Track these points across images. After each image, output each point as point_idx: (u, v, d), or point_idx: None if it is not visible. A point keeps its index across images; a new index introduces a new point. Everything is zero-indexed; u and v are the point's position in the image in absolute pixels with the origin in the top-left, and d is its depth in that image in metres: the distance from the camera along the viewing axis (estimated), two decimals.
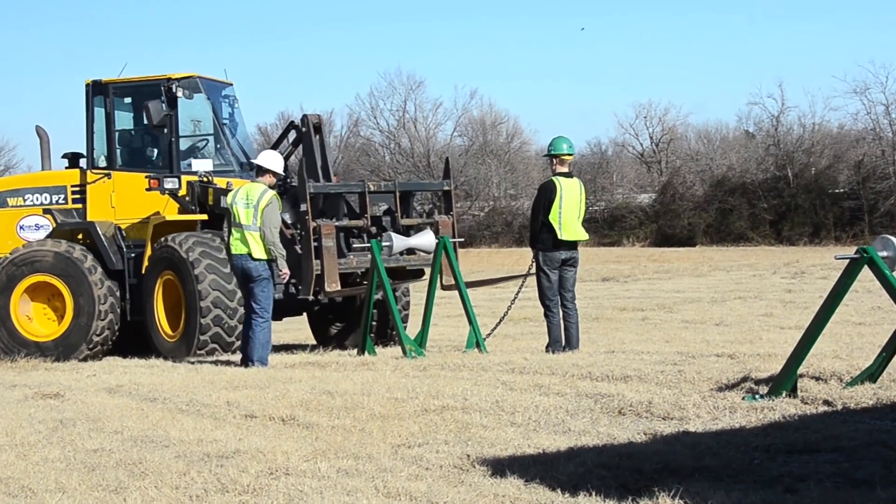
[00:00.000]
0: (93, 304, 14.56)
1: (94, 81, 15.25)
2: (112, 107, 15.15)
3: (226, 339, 13.69)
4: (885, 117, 60.55)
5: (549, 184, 12.36)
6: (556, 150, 12.43)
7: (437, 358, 12.01)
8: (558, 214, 12.22)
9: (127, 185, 15.08)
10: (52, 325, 15.00)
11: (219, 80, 15.68)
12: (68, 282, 14.65)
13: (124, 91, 15.45)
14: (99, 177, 15.24)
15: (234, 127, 15.77)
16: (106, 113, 15.17)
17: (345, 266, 13.72)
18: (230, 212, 12.19)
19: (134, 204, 15.05)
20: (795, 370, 8.72)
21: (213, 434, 8.21)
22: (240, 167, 15.36)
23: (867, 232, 53.71)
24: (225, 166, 15.29)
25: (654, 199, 67.05)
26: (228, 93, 15.77)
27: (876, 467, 6.41)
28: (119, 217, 15.17)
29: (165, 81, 14.84)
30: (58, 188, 15.67)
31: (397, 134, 78.04)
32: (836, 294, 8.63)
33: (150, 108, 14.45)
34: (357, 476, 6.76)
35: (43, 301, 15.08)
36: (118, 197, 15.17)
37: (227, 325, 13.65)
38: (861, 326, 14.81)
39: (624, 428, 7.97)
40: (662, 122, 76.22)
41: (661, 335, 14.79)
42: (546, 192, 12.31)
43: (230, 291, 13.57)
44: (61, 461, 7.54)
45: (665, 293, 24.18)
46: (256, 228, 11.93)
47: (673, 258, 42.98)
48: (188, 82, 15.00)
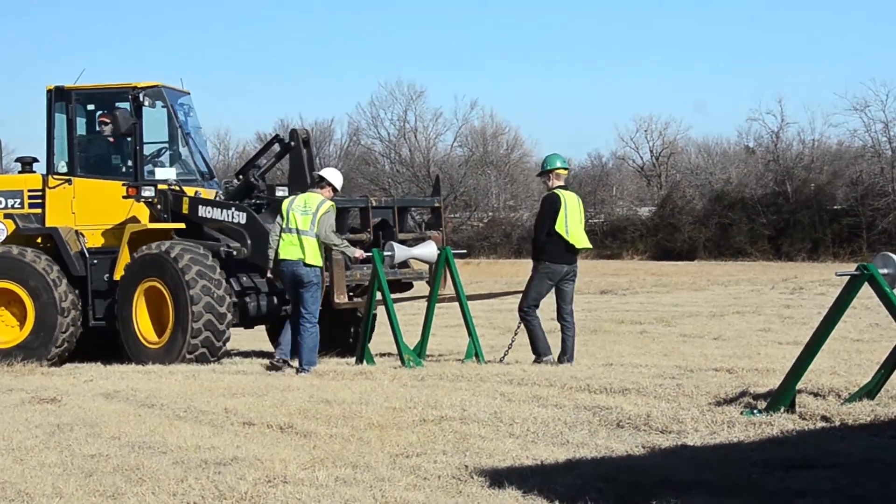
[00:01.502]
0: (55, 310, 14.59)
1: (57, 87, 15.23)
2: (74, 113, 15.15)
3: (215, 344, 13.86)
4: (883, 135, 60.60)
5: (553, 196, 12.45)
6: (552, 164, 12.60)
7: (435, 368, 12.01)
8: (564, 224, 12.35)
9: (88, 192, 15.15)
10: (12, 332, 14.96)
11: (178, 89, 15.77)
12: (28, 287, 14.66)
13: (87, 98, 15.47)
14: (59, 182, 15.23)
15: (194, 136, 15.82)
16: (68, 119, 15.17)
17: (350, 279, 13.90)
18: (285, 217, 12.43)
19: (95, 210, 15.12)
20: (794, 386, 8.72)
21: (211, 441, 8.21)
22: (201, 176, 15.57)
23: (865, 249, 53.70)
24: (188, 175, 15.46)
25: (654, 213, 67.07)
26: (186, 102, 15.87)
27: (874, 484, 6.41)
28: (79, 223, 15.17)
29: (131, 90, 14.96)
30: (14, 192, 15.57)
31: (397, 143, 78.07)
32: (835, 310, 8.64)
33: (117, 116, 14.66)
34: (355, 485, 6.75)
35: (2, 307, 15.06)
36: (79, 203, 15.18)
37: (217, 329, 13.79)
38: (859, 343, 14.80)
39: (622, 441, 7.97)
40: (663, 136, 76.32)
41: (660, 349, 14.78)
42: (552, 204, 12.40)
43: (220, 297, 13.79)
44: (58, 466, 7.53)
45: (663, 307, 24.17)
46: (314, 234, 12.27)
47: (672, 272, 42.99)
48: (153, 91, 15.13)
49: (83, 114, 15.52)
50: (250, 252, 14.03)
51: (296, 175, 14.34)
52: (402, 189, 75.13)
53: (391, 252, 12.96)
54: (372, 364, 12.66)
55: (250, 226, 14.09)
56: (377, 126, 79.22)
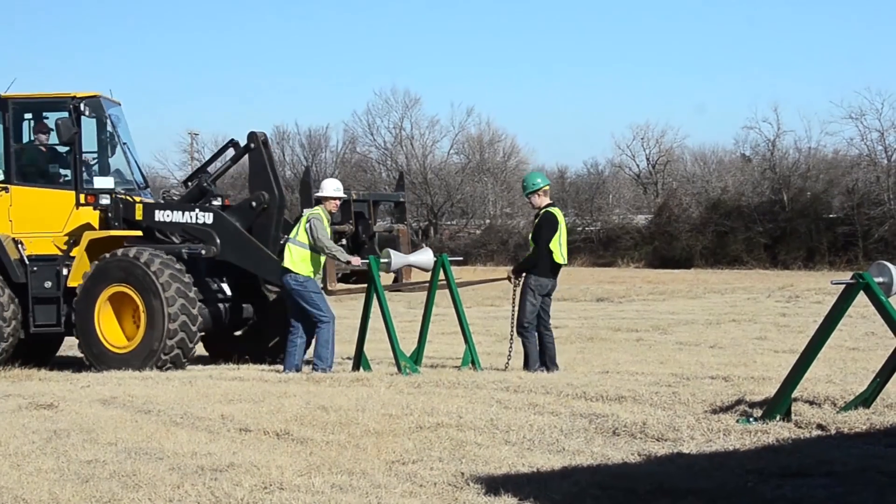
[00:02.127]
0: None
1: None
2: (11, 122, 15.19)
3: (188, 346, 14.07)
4: (879, 143, 60.70)
5: (552, 215, 12.65)
6: (542, 182, 12.82)
7: (431, 375, 12.02)
8: (559, 243, 12.58)
9: (26, 200, 15.20)
10: None
11: (112, 99, 15.91)
12: None
13: (26, 107, 15.48)
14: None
15: (130, 146, 15.91)
16: (4, 128, 15.20)
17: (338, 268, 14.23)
18: None
19: (33, 218, 15.18)
20: (790, 394, 8.74)
21: (208, 447, 8.21)
22: (136, 186, 15.72)
23: (861, 257, 53.73)
24: (123, 184, 15.56)
25: (650, 221, 67.11)
26: (118, 113, 15.97)
27: (869, 493, 6.43)
28: (17, 231, 15.20)
29: (70, 100, 15.02)
30: None
31: (394, 151, 78.13)
32: (831, 318, 8.66)
33: (60, 125, 14.71)
34: (351, 492, 6.76)
35: None
36: (16, 211, 15.20)
37: (191, 331, 13.99)
38: (855, 351, 14.83)
39: (618, 448, 7.98)
40: (659, 144, 76.46)
41: (656, 356, 14.80)
42: (553, 223, 12.60)
43: (192, 299, 14.01)
44: (55, 472, 7.53)
45: (660, 314, 24.19)
46: (297, 242, 12.72)
47: (668, 280, 43.00)
48: (92, 101, 15.18)
49: (20, 123, 15.52)
50: (220, 251, 14.35)
51: (256, 177, 14.67)
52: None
53: (388, 259, 12.99)
54: (369, 370, 12.69)
55: (218, 225, 14.42)
56: (373, 134, 79.31)
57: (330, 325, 12.78)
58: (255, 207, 14.45)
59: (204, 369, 14.21)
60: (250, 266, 14.52)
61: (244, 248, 14.36)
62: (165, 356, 13.85)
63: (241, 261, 14.50)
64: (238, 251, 14.37)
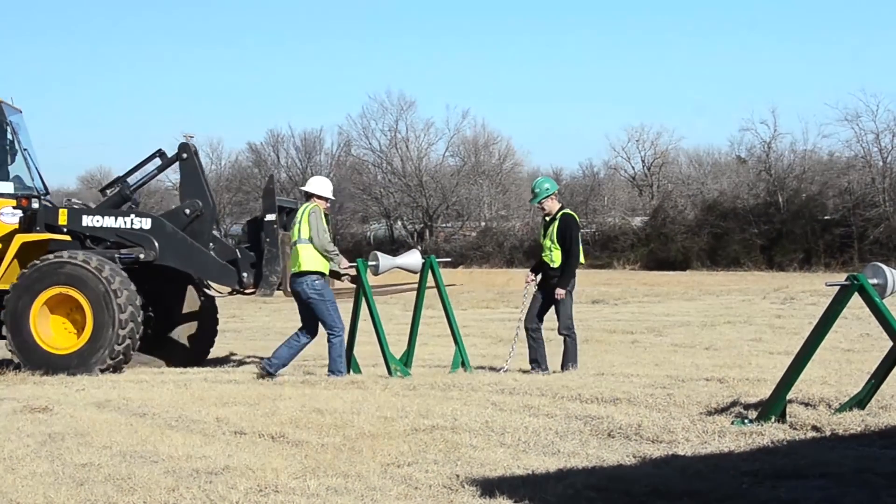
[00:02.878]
0: None
1: None
2: None
3: (131, 350, 14.22)
4: (874, 145, 60.78)
5: (573, 216, 13.00)
6: (552, 187, 13.00)
7: (427, 377, 12.03)
8: (580, 244, 12.99)
9: None
10: None
11: (13, 106, 15.86)
12: None
13: None
14: None
15: (31, 153, 15.93)
16: None
17: None
18: None
19: None
20: (784, 395, 8.75)
21: (203, 450, 8.20)
22: (38, 192, 15.64)
23: (857, 259, 53.79)
24: (24, 190, 15.48)
25: (646, 223, 67.15)
26: (18, 120, 15.92)
27: (864, 494, 6.44)
28: None
29: None
30: None
31: (389, 154, 78.14)
32: (826, 320, 8.67)
33: None
34: (346, 494, 6.76)
35: None
36: None
37: (135, 336, 14.13)
38: (850, 353, 14.83)
39: (613, 450, 7.99)
40: (655, 146, 76.53)
41: (651, 358, 14.79)
42: (578, 225, 13.05)
43: (138, 306, 14.17)
44: (50, 475, 7.52)
45: (655, 316, 24.19)
46: (303, 241, 12.56)
47: (663, 282, 43.02)
48: None
49: None
50: (159, 255, 14.56)
51: (190, 185, 14.98)
52: (395, 199, 75.21)
53: (375, 262, 13.02)
54: (358, 373, 12.70)
55: (157, 230, 14.62)
56: (368, 137, 79.35)
57: (342, 337, 12.63)
58: (190, 214, 14.75)
59: (199, 372, 14.21)
60: (193, 270, 14.89)
61: (187, 253, 14.61)
62: (112, 360, 13.91)
63: (182, 265, 14.76)
64: (180, 256, 14.61)
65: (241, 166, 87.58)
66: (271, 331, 22.75)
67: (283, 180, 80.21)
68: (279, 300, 31.41)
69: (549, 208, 12.93)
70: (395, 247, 66.29)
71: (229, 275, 14.61)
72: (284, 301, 30.81)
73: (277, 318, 26.39)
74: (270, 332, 22.54)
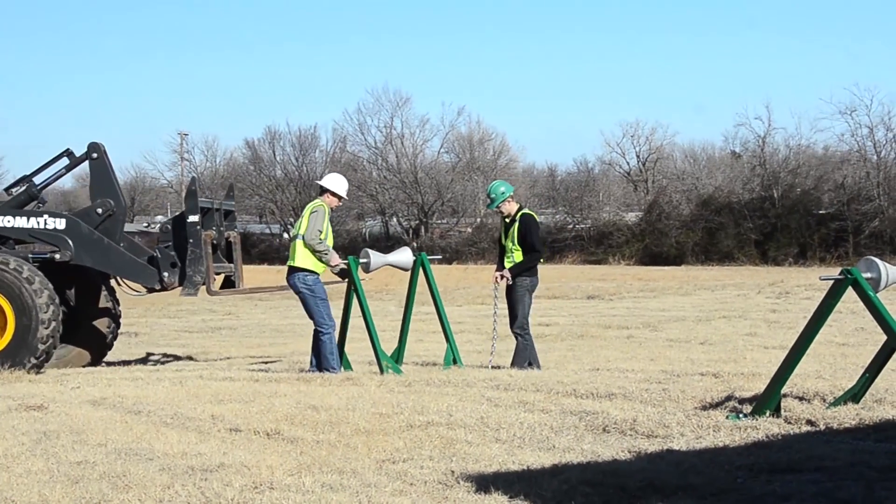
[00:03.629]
0: None
1: None
2: None
3: (52, 351, 14.28)
4: (869, 139, 60.88)
5: (533, 216, 13.07)
6: (508, 190, 13.05)
7: (422, 374, 12.03)
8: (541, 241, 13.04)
9: None
10: None
11: None
12: None
13: None
14: None
15: None
16: None
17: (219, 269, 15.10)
18: None
19: None
20: (779, 390, 8.76)
21: (198, 447, 8.20)
22: None
23: (852, 253, 53.88)
24: None
25: (641, 218, 67.18)
26: None
27: (858, 487, 6.44)
28: None
29: None
30: None
31: (384, 150, 78.12)
32: (820, 314, 8.68)
33: None
34: (341, 491, 6.75)
35: None
36: None
37: (56, 337, 14.20)
38: (844, 347, 14.86)
39: (608, 445, 7.99)
40: (649, 142, 76.58)
41: (646, 353, 14.82)
42: (538, 223, 13.10)
43: (58, 306, 14.25)
44: (45, 473, 7.51)
45: (650, 311, 24.21)
46: (301, 236, 12.66)
47: (658, 277, 43.03)
48: None
49: None
50: (74, 255, 14.59)
51: (101, 185, 15.00)
52: (390, 196, 75.21)
53: (366, 259, 13.04)
54: (349, 370, 12.71)
55: (72, 229, 14.62)
56: (364, 133, 79.37)
57: (331, 334, 12.68)
58: (102, 214, 14.77)
59: (194, 370, 14.20)
60: (111, 269, 14.92)
61: (104, 252, 14.65)
62: (35, 360, 13.92)
63: (99, 264, 14.81)
64: (96, 255, 14.65)
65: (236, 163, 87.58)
66: (267, 328, 22.76)
67: (278, 177, 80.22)
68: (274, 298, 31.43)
69: (508, 210, 13.03)
70: (390, 243, 66.33)
71: (149, 274, 14.72)
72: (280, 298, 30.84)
73: (273, 315, 26.39)
74: (266, 328, 22.54)
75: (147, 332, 22.02)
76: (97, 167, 14.98)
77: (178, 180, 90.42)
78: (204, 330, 22.75)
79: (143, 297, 15.74)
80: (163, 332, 22.36)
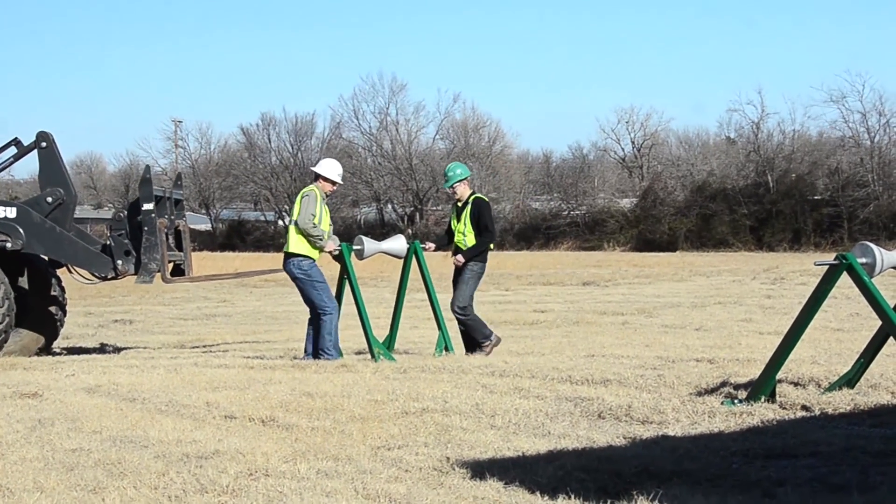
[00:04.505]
0: None
1: None
2: None
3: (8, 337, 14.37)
4: (862, 125, 60.90)
5: (486, 200, 13.27)
6: (464, 172, 13.28)
7: (416, 361, 12.03)
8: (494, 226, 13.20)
9: None
10: None
11: None
12: None
13: None
14: None
15: None
16: None
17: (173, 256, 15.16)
18: None
19: None
20: (774, 375, 8.76)
21: (193, 435, 8.19)
22: None
23: (846, 239, 53.97)
24: None
25: (636, 204, 67.21)
26: None
27: (853, 473, 6.45)
28: None
29: None
30: None
31: (379, 136, 78.09)
32: (815, 300, 8.68)
33: None
34: (336, 478, 6.75)
35: None
36: None
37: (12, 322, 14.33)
38: (839, 332, 14.87)
39: (603, 431, 7.99)
40: (644, 128, 76.56)
41: (641, 339, 14.82)
42: (490, 208, 13.26)
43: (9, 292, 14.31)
44: (39, 461, 7.50)
45: (645, 298, 24.23)
46: (293, 222, 12.69)
47: (653, 263, 43.04)
48: None
49: None
50: (25, 243, 14.56)
51: (51, 174, 14.98)
52: (385, 182, 75.19)
53: (360, 246, 13.04)
54: (341, 357, 12.72)
55: (23, 218, 14.57)
56: (359, 119, 79.30)
57: (333, 316, 12.64)
58: (52, 203, 14.74)
59: (189, 357, 14.19)
60: (62, 257, 14.87)
61: (56, 241, 14.64)
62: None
63: (51, 252, 14.81)
64: (47, 244, 14.64)
65: (230, 151, 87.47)
66: (262, 315, 22.75)
67: (273, 164, 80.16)
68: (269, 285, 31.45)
69: (461, 193, 13.17)
70: (385, 230, 66.32)
71: (102, 262, 14.72)
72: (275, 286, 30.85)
73: (268, 302, 26.39)
74: (261, 316, 22.53)
75: (142, 320, 22.00)
76: (46, 156, 14.95)
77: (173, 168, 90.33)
78: (199, 317, 22.72)
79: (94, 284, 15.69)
80: (157, 319, 22.33)
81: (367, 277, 29.79)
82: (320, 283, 12.70)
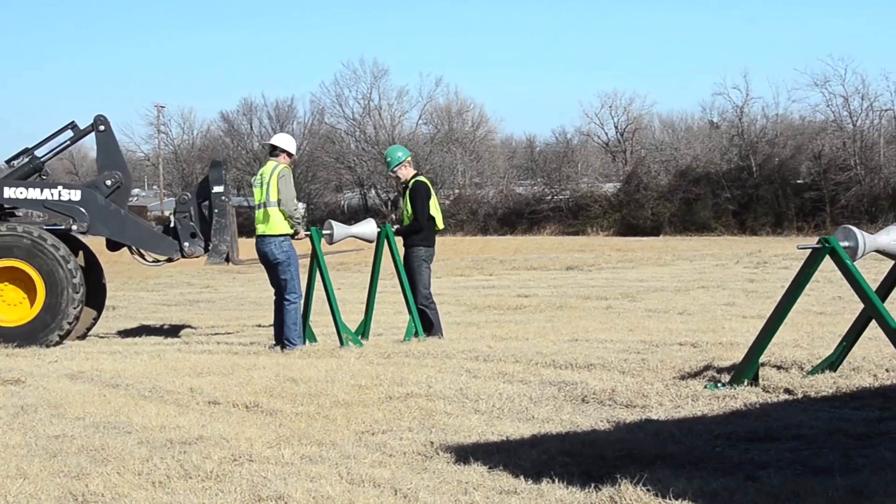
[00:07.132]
0: None
1: None
2: None
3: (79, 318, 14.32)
4: (844, 109, 61.05)
5: (425, 183, 13.14)
6: (404, 155, 13.28)
7: (400, 346, 12.03)
8: (438, 209, 13.15)
9: None
10: None
11: None
12: None
13: None
14: None
15: None
16: None
17: None
18: None
19: None
20: (757, 359, 8.79)
21: (177, 420, 8.19)
22: None
23: (829, 222, 54.15)
24: None
25: (619, 189, 67.28)
26: None
27: (835, 455, 6.48)
28: None
29: None
30: None
31: (362, 122, 77.94)
32: (797, 283, 8.70)
33: None
34: (321, 463, 6.75)
35: None
36: None
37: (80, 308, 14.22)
38: (822, 316, 14.91)
39: (587, 416, 8.01)
40: (628, 112, 76.55)
41: (625, 324, 14.83)
42: (428, 190, 13.07)
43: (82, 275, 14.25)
44: (22, 447, 7.48)
45: (629, 282, 24.25)
46: (273, 203, 12.63)
47: (637, 247, 43.12)
48: None
49: None
50: (90, 226, 14.64)
51: (109, 157, 15.10)
52: (368, 168, 75.10)
53: (330, 231, 13.03)
54: (314, 342, 12.70)
55: (88, 200, 14.62)
56: (341, 105, 79.15)
57: (298, 304, 12.66)
58: (111, 185, 14.85)
59: (172, 343, 14.18)
60: (127, 239, 14.93)
61: (120, 223, 14.75)
62: (61, 334, 13.97)
63: (116, 235, 14.83)
64: (112, 226, 14.73)
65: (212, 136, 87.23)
66: (245, 301, 22.70)
67: (255, 150, 79.94)
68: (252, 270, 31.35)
69: (404, 176, 13.20)
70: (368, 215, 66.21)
71: (167, 244, 14.81)
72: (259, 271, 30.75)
73: (252, 288, 26.31)
74: (244, 301, 22.48)
75: (125, 306, 21.92)
76: (104, 139, 15.07)
77: (155, 153, 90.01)
78: (182, 303, 22.66)
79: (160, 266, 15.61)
80: (141, 305, 22.26)
81: (351, 262, 29.76)
82: (296, 267, 12.73)
